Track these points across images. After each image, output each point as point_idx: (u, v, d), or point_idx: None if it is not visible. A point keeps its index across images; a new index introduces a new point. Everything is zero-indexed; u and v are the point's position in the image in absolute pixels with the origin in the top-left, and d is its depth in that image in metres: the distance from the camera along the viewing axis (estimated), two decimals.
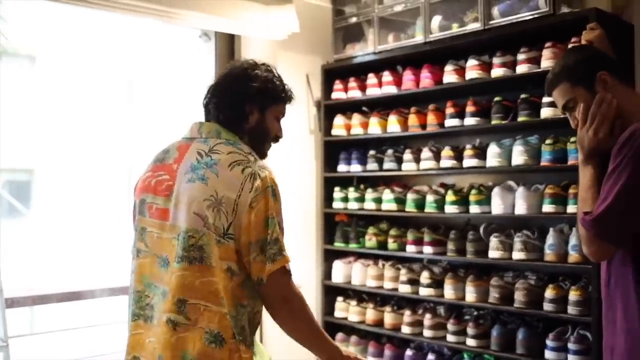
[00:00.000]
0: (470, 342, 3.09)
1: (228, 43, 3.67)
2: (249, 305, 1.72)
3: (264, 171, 1.70)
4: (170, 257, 1.71)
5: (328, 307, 3.83)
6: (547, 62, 2.86)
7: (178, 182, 1.73)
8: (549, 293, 2.82)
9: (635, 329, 1.75)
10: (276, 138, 1.92)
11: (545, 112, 2.89)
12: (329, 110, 3.87)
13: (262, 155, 1.88)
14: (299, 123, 3.91)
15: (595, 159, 1.86)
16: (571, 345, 2.74)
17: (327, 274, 3.82)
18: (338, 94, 3.80)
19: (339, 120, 3.81)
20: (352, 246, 3.73)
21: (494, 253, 3.03)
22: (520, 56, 2.98)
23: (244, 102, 1.83)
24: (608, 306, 1.88)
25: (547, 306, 2.82)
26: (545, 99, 2.87)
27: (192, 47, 3.91)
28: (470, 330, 3.10)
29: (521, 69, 2.98)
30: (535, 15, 2.89)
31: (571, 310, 2.74)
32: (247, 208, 1.65)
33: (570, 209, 2.77)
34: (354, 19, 3.74)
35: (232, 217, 1.65)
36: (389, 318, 3.48)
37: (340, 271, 3.75)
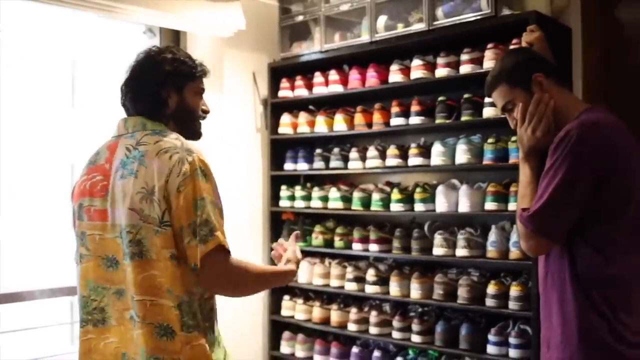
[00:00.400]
0: (415, 338, 3.13)
1: (173, 40, 3.61)
2: (197, 292, 1.71)
3: (191, 155, 1.69)
4: (119, 257, 1.71)
5: (274, 306, 3.82)
6: (489, 62, 2.92)
7: (112, 181, 1.73)
8: (491, 289, 2.88)
9: (570, 322, 1.81)
10: (204, 113, 1.92)
11: (488, 112, 2.95)
12: (275, 109, 3.86)
13: (196, 134, 1.90)
14: (245, 121, 3.89)
15: (534, 156, 1.93)
16: (512, 340, 2.81)
17: None
18: (285, 92, 3.79)
19: (285, 118, 3.80)
20: (299, 245, 3.71)
21: (438, 250, 3.08)
22: (464, 57, 3.04)
23: (158, 88, 1.81)
24: (545, 300, 1.94)
25: (489, 302, 2.88)
26: (488, 99, 2.93)
27: (136, 43, 3.84)
28: (415, 327, 3.14)
29: (464, 69, 3.03)
30: (478, 17, 2.95)
31: (512, 305, 2.80)
32: (175, 193, 1.65)
33: (512, 206, 2.84)
34: (300, 18, 3.74)
35: (165, 204, 1.65)
36: (335, 316, 3.50)
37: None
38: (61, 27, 3.59)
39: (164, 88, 1.81)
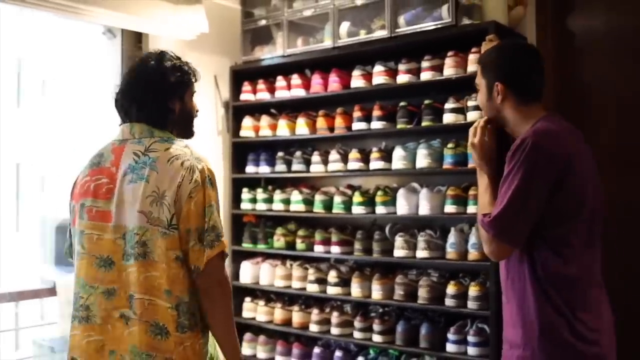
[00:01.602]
0: (376, 338, 3.20)
1: (135, 42, 3.60)
2: (197, 292, 1.80)
3: (201, 163, 1.80)
4: (116, 257, 1.79)
5: (236, 308, 3.83)
6: (449, 70, 3.02)
7: (119, 184, 1.81)
8: (450, 289, 2.97)
9: (531, 322, 1.90)
10: (196, 114, 2.03)
11: (448, 118, 3.04)
12: (237, 112, 3.89)
13: (192, 133, 2.02)
14: (206, 124, 3.89)
15: (487, 164, 2.03)
16: (470, 338, 2.90)
17: (235, 274, 3.83)
18: (247, 96, 3.82)
19: (247, 121, 3.83)
20: (260, 247, 3.76)
21: (399, 252, 3.15)
22: (424, 64, 3.12)
23: (167, 99, 1.90)
24: (507, 301, 2.03)
25: (449, 301, 2.97)
26: (448, 105, 3.03)
27: (94, 44, 3.80)
28: (376, 327, 3.21)
29: (425, 75, 3.12)
30: (439, 26, 3.04)
31: (471, 304, 2.89)
32: (186, 198, 1.74)
33: (470, 209, 2.94)
34: (263, 22, 3.77)
35: (174, 208, 1.74)
36: (297, 317, 3.54)
37: (248, 272, 3.77)
38: (6, 25, 3.55)
39: (170, 99, 1.91)
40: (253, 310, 3.75)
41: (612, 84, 3.00)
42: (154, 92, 1.88)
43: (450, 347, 2.96)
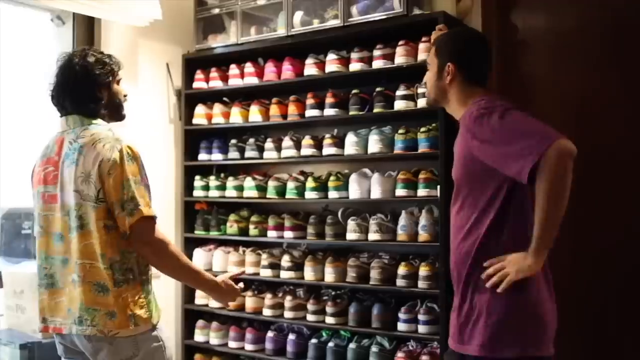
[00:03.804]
0: (329, 320, 3.26)
1: (87, 28, 3.57)
2: (134, 250, 2.08)
3: (120, 143, 2.06)
4: (65, 232, 2.11)
5: (188, 295, 3.85)
6: (400, 58, 3.11)
7: (61, 170, 2.12)
8: (401, 270, 3.06)
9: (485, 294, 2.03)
10: (125, 98, 2.29)
11: (399, 105, 3.13)
12: (189, 100, 3.90)
13: (122, 117, 2.29)
14: (158, 112, 3.90)
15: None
16: (421, 317, 3.00)
17: None
18: (199, 84, 3.84)
19: (199, 109, 3.84)
20: (213, 234, 3.79)
21: (351, 235, 3.23)
22: (376, 52, 3.21)
23: (94, 90, 2.17)
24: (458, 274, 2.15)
25: (400, 282, 3.06)
26: (399, 92, 3.12)
27: (42, 32, 3.74)
28: (329, 309, 3.27)
29: (377, 64, 3.21)
30: (390, 15, 3.13)
31: (421, 284, 2.99)
32: (106, 175, 2.02)
33: (420, 192, 3.04)
34: (216, 11, 3.80)
35: (99, 184, 2.03)
36: (250, 302, 3.58)
37: (201, 259, 3.78)
38: None
39: (97, 89, 2.17)
40: (206, 297, 3.76)
41: (551, 80, 3.11)
42: (81, 86, 2.14)
43: (401, 327, 3.05)
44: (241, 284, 2.40)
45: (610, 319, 2.90)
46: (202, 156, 3.86)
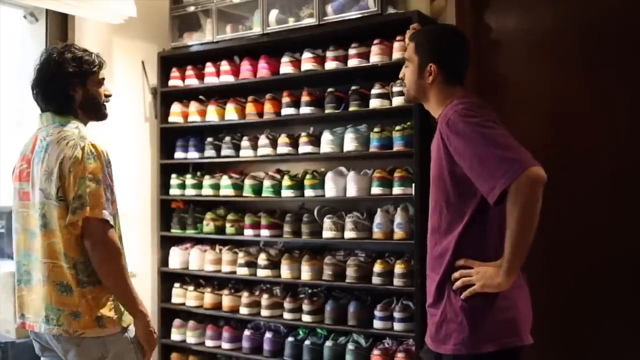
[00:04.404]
0: (306, 318, 3.28)
1: (61, 25, 3.53)
2: None
3: (84, 141, 2.04)
4: (35, 229, 2.10)
5: (165, 294, 3.84)
6: (375, 57, 3.12)
7: (32, 167, 2.12)
8: (377, 268, 3.08)
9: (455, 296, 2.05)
10: (107, 98, 2.27)
11: (374, 103, 3.15)
12: (165, 98, 3.88)
13: (102, 116, 2.26)
14: (134, 110, 3.88)
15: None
16: (396, 314, 3.02)
17: (164, 261, 3.84)
18: (175, 82, 3.82)
19: (175, 107, 3.83)
20: (189, 232, 3.78)
21: (327, 233, 3.24)
22: (352, 51, 3.22)
23: (66, 88, 2.14)
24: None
25: (376, 280, 3.07)
26: (374, 91, 3.14)
27: (14, 29, 3.69)
28: (305, 307, 3.29)
29: (352, 62, 3.22)
30: (365, 14, 3.14)
31: (397, 282, 3.01)
32: (67, 173, 2.00)
33: (396, 190, 3.05)
34: (192, 9, 3.78)
35: (59, 182, 2.01)
36: (226, 301, 3.58)
37: (177, 257, 3.78)
38: None
39: (70, 86, 2.14)
40: (182, 296, 3.76)
41: (525, 80, 3.13)
42: (53, 81, 2.13)
43: (377, 324, 3.07)
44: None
45: (585, 311, 2.95)
46: (178, 154, 3.85)
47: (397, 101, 3.06)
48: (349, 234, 3.17)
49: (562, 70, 3.03)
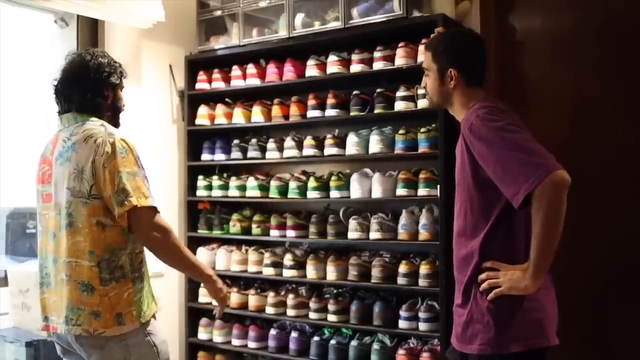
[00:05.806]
0: (331, 317, 3.31)
1: (91, 29, 3.61)
2: (128, 247, 2.11)
3: (112, 137, 2.07)
4: (57, 231, 2.13)
5: (192, 294, 3.90)
6: (400, 60, 3.15)
7: (54, 169, 2.15)
8: (402, 268, 3.10)
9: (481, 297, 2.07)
10: (123, 107, 2.33)
11: (399, 105, 3.17)
12: (192, 101, 3.94)
13: (118, 124, 2.29)
14: (162, 113, 3.94)
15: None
16: (421, 314, 3.04)
17: None
18: (202, 85, 3.88)
19: (202, 110, 3.89)
20: (216, 233, 3.83)
21: (352, 234, 3.27)
22: (377, 54, 3.25)
23: (103, 88, 2.21)
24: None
25: (401, 280, 3.10)
26: (399, 93, 3.16)
27: (46, 34, 3.77)
28: (330, 307, 3.32)
29: (377, 65, 3.24)
30: (390, 18, 3.17)
31: (422, 282, 3.03)
32: (101, 169, 2.03)
33: (421, 192, 3.08)
34: (218, 13, 3.84)
35: (93, 180, 2.04)
36: (253, 300, 3.63)
37: (204, 258, 3.83)
38: None
39: (105, 87, 2.22)
40: (209, 296, 3.79)
41: (549, 81, 3.15)
42: (92, 80, 2.17)
43: (402, 324, 3.10)
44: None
45: (610, 313, 2.95)
46: (205, 156, 3.90)
47: (422, 103, 3.08)
48: (374, 234, 3.20)
49: (585, 71, 3.04)
